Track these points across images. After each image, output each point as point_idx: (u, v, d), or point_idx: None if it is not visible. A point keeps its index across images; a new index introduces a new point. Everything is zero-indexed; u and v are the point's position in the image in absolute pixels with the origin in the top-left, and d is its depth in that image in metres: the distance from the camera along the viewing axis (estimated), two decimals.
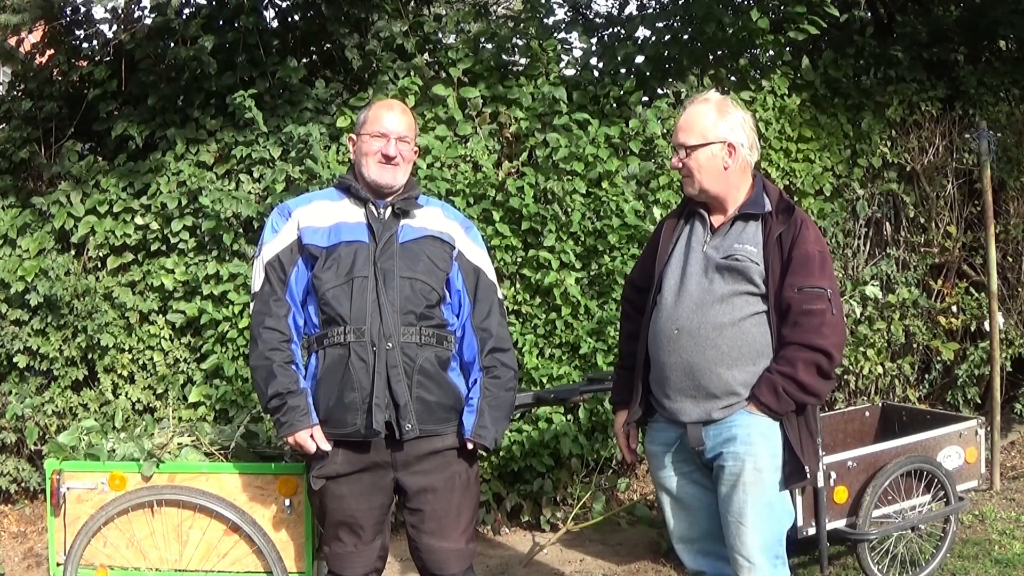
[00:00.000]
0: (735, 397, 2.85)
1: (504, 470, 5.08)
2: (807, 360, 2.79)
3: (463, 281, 3.11)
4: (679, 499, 3.06)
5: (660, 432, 3.06)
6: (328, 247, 2.99)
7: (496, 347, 3.10)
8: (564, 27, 6.43)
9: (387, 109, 3.10)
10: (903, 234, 6.12)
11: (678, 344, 2.88)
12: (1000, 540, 4.76)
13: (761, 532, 2.86)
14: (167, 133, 5.38)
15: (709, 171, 2.93)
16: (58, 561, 3.47)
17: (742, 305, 2.85)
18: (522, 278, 5.18)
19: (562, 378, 5.04)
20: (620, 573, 4.67)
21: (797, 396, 2.81)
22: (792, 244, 2.85)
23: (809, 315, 2.79)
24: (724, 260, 2.88)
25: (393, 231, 3.02)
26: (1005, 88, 6.39)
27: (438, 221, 3.13)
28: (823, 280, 2.83)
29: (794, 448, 2.86)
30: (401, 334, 2.93)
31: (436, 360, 3.00)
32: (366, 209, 3.05)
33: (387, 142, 3.03)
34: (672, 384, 2.92)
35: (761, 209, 2.92)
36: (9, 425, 5.22)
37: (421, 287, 2.99)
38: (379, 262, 2.96)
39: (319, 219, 3.04)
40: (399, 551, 4.97)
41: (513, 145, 5.49)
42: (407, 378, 2.93)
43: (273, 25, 6.04)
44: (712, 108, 2.94)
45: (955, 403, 6.07)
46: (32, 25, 5.24)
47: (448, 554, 3.07)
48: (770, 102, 5.70)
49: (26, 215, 5.33)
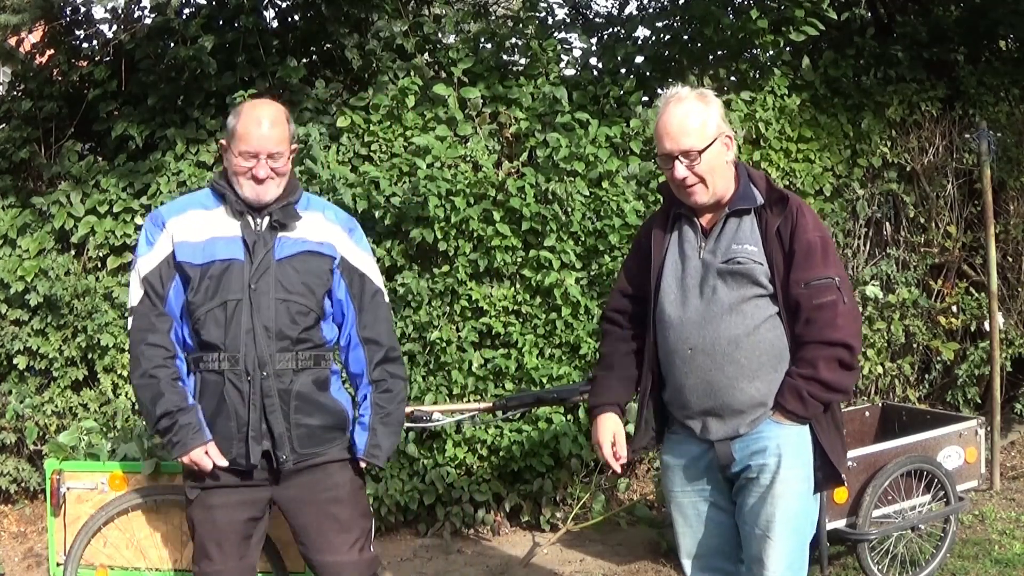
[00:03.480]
0: (761, 408, 2.70)
1: (504, 470, 5.08)
2: (827, 357, 2.64)
3: (346, 289, 2.95)
4: (691, 515, 2.89)
5: (680, 445, 2.87)
6: (202, 265, 2.83)
7: (385, 358, 2.96)
8: (564, 27, 6.43)
9: (255, 125, 2.82)
10: (903, 234, 6.12)
11: (694, 364, 2.71)
12: (1000, 540, 4.75)
13: (787, 547, 2.72)
14: (167, 133, 5.39)
15: (718, 171, 2.72)
16: (58, 561, 3.47)
17: (753, 311, 2.68)
18: (522, 278, 5.18)
19: (562, 378, 5.03)
20: (620, 573, 4.67)
21: (823, 396, 2.68)
22: (792, 236, 2.68)
23: (820, 309, 2.64)
24: (725, 264, 2.70)
25: (270, 247, 2.85)
26: (1005, 88, 6.39)
27: (319, 229, 2.94)
28: (828, 269, 2.67)
29: (826, 451, 2.73)
30: (276, 361, 2.81)
31: (314, 383, 2.88)
32: (242, 221, 2.87)
33: (257, 163, 2.81)
34: (694, 405, 2.75)
35: (753, 202, 2.74)
36: (9, 425, 5.21)
37: (297, 308, 2.85)
38: (253, 283, 2.82)
39: (193, 232, 2.87)
40: (394, 553, 4.97)
41: (513, 145, 5.49)
42: (283, 406, 2.83)
43: (273, 25, 6.05)
44: (697, 102, 2.71)
45: (955, 403, 6.07)
46: (32, 25, 5.24)
47: (343, 568, 2.95)
48: (770, 102, 5.70)
49: (26, 215, 5.33)
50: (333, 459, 2.93)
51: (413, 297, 5.03)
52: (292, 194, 2.93)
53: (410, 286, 5.00)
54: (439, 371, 5.09)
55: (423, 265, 5.19)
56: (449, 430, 4.99)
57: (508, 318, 5.14)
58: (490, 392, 5.04)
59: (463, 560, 4.87)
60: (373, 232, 5.18)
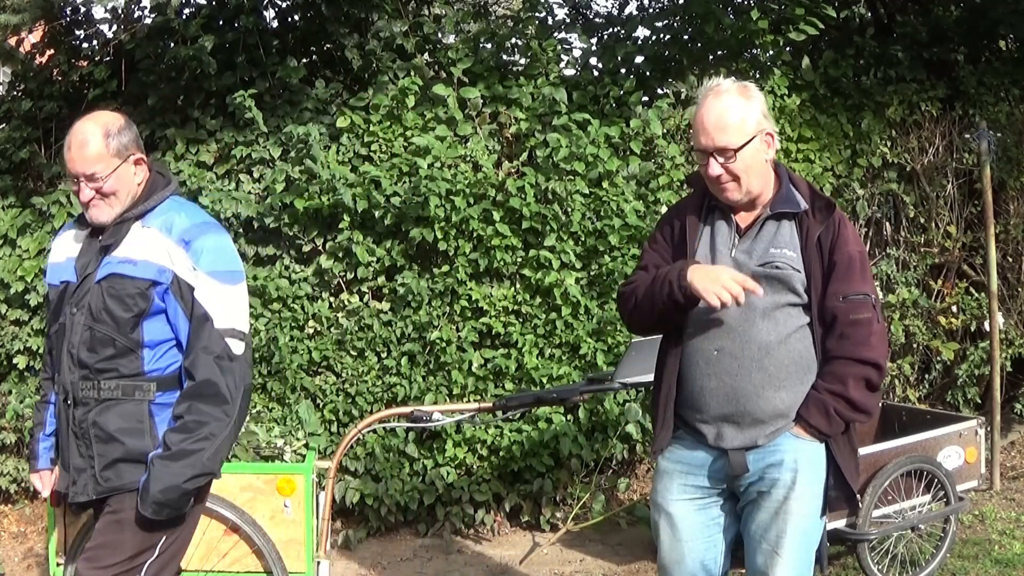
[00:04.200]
0: (783, 420, 2.60)
1: (504, 470, 5.08)
2: (857, 375, 2.55)
3: (182, 311, 2.63)
4: (681, 527, 2.74)
5: (685, 451, 2.73)
6: (51, 286, 2.78)
7: (196, 392, 2.58)
8: (564, 27, 6.42)
9: (67, 147, 2.65)
10: (903, 234, 6.12)
11: (719, 367, 2.60)
12: (1000, 540, 4.75)
13: (794, 565, 2.62)
14: (167, 133, 5.39)
15: (755, 169, 2.59)
16: (58, 561, 3.47)
17: (786, 319, 2.58)
18: (522, 278, 5.18)
19: (562, 378, 5.03)
20: (620, 573, 4.67)
21: (848, 415, 2.58)
22: (832, 247, 2.58)
23: (856, 325, 2.55)
24: (762, 268, 2.58)
25: (94, 269, 2.66)
26: (1005, 88, 6.39)
27: (145, 246, 2.65)
28: (865, 286, 2.59)
29: (843, 472, 2.64)
30: (78, 390, 2.64)
31: (122, 415, 2.63)
32: (84, 242, 2.74)
33: (79, 186, 2.65)
34: (712, 410, 2.63)
35: (797, 208, 2.62)
36: (9, 425, 5.21)
37: (99, 336, 2.62)
38: (72, 308, 2.67)
39: (57, 253, 2.80)
40: (394, 554, 4.98)
41: (513, 145, 5.49)
42: (81, 441, 2.65)
43: (273, 25, 6.04)
44: (738, 97, 2.58)
45: (955, 403, 6.07)
46: (32, 25, 5.25)
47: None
48: (770, 102, 5.69)
49: (26, 215, 5.33)
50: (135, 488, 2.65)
51: (413, 297, 5.03)
52: (139, 205, 2.69)
53: (410, 286, 5.00)
54: (439, 371, 5.09)
55: (423, 265, 5.19)
56: (449, 430, 4.99)
57: (508, 318, 5.14)
58: (490, 392, 5.04)
59: (463, 560, 4.87)
60: (373, 232, 5.18)
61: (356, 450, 5.03)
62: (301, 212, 5.13)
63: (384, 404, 5.06)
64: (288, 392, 5.07)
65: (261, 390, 5.12)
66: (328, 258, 5.17)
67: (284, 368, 5.05)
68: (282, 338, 5.03)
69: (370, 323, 5.10)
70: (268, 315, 5.13)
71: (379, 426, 4.60)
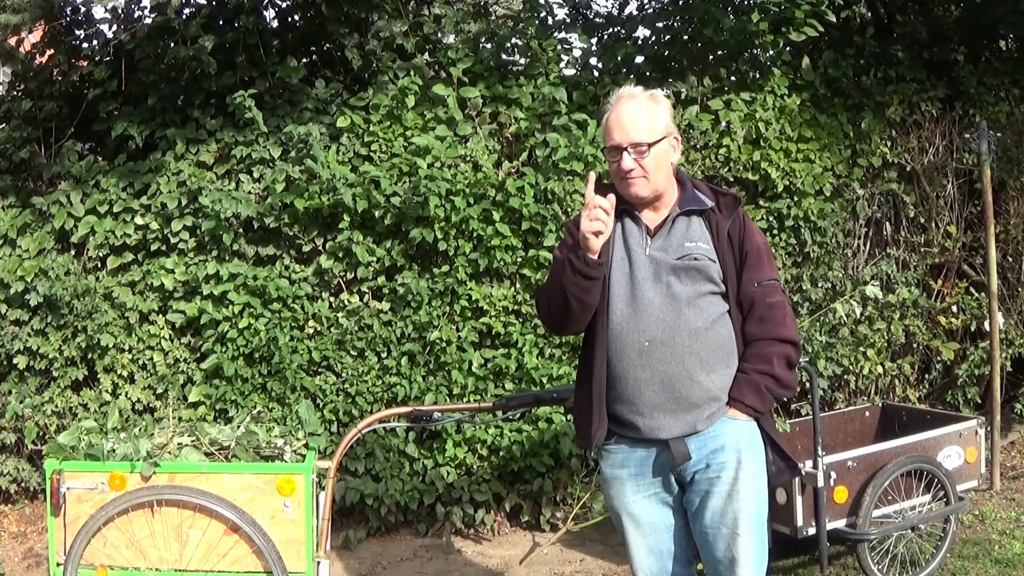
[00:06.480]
0: (716, 403, 2.75)
1: (504, 470, 5.08)
2: (780, 354, 2.77)
3: None
4: (646, 523, 2.86)
5: (623, 454, 2.84)
6: None
7: None
8: (564, 27, 6.42)
9: None
10: (903, 234, 6.11)
11: (652, 356, 2.72)
12: (1000, 540, 4.75)
13: (755, 542, 2.75)
14: (167, 133, 5.39)
15: (663, 168, 2.79)
16: (58, 561, 3.47)
17: (708, 306, 2.76)
18: (522, 278, 5.18)
19: (562, 378, 5.04)
20: (620, 573, 4.67)
21: (777, 392, 2.79)
22: (742, 239, 2.82)
23: (772, 308, 2.78)
24: (680, 261, 2.75)
25: None
26: (1005, 88, 6.38)
27: None
28: (773, 272, 2.84)
29: (779, 444, 2.83)
30: None
31: None
32: None
33: None
34: (647, 400, 2.74)
35: (704, 205, 2.83)
36: (9, 425, 5.22)
37: None
38: None
39: None
40: (394, 554, 4.98)
41: (513, 145, 5.49)
42: None
43: (273, 25, 6.04)
44: (649, 101, 2.80)
45: (955, 403, 6.06)
46: (32, 25, 5.25)
47: None
48: (770, 102, 5.70)
49: (26, 215, 5.33)
50: None
51: (413, 297, 5.03)
52: None
53: (410, 286, 5.00)
54: (439, 371, 5.09)
55: (423, 265, 5.19)
56: (449, 430, 4.99)
57: (508, 318, 5.14)
58: (490, 392, 5.04)
59: (463, 560, 4.87)
60: (373, 232, 5.18)
61: (356, 450, 5.03)
62: (301, 212, 5.13)
63: (384, 404, 5.06)
64: (288, 392, 5.07)
65: (261, 390, 5.12)
66: (328, 258, 5.17)
67: (284, 368, 5.05)
68: (282, 338, 5.04)
69: (370, 323, 5.11)
70: (268, 315, 5.14)
71: (379, 426, 4.59)
